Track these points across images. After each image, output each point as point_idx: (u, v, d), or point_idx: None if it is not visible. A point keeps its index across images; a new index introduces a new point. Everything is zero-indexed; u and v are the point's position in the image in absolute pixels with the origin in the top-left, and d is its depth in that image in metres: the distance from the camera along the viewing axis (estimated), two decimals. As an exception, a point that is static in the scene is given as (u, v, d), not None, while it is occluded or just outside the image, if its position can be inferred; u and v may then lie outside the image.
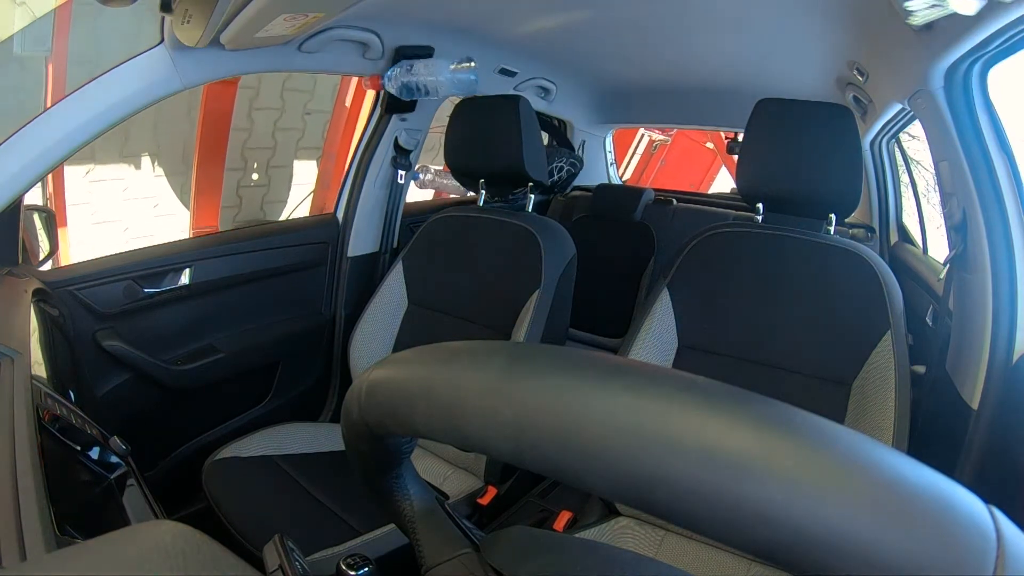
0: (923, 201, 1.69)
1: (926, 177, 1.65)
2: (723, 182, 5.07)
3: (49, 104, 0.98)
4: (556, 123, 2.31)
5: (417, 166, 1.76)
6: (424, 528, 0.38)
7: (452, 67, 1.37)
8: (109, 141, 3.14)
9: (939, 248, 1.52)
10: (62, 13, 2.35)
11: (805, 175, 1.03)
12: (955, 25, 0.84)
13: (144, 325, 1.24)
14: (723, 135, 4.76)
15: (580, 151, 2.31)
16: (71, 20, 2.34)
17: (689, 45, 1.55)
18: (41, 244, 1.11)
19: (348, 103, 3.65)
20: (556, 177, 1.98)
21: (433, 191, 2.21)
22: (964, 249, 1.00)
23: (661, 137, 5.22)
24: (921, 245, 1.65)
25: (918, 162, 1.71)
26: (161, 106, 1.08)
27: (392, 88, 1.41)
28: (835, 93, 1.62)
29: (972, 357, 0.96)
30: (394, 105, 1.54)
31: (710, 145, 4.82)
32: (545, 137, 2.26)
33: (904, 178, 1.78)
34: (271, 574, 0.35)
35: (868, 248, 1.04)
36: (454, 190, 2.08)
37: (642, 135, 5.16)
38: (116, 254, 1.22)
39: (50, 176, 2.62)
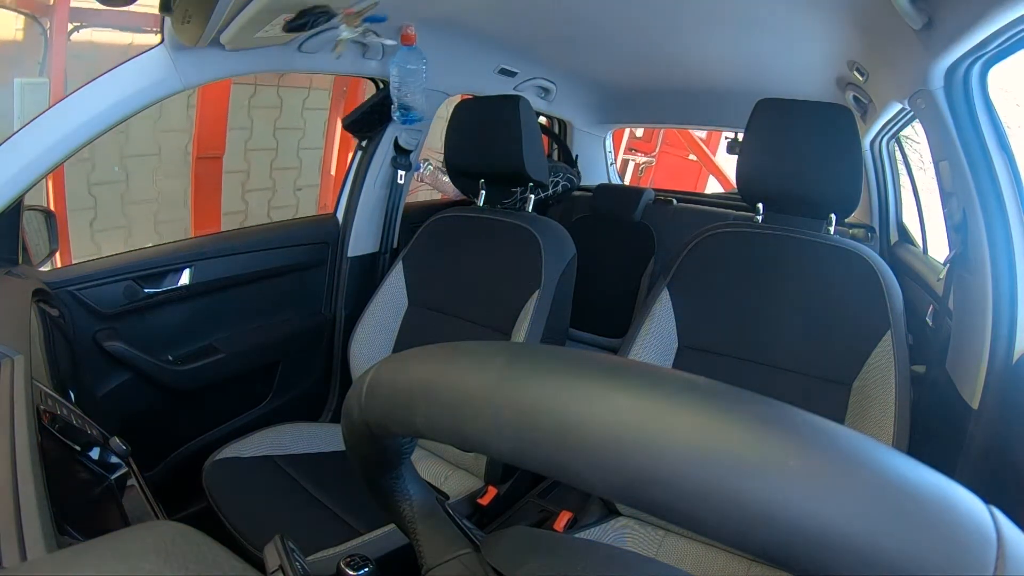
0: (916, 171, 1.67)
1: (919, 151, 1.64)
2: (712, 190, 5.07)
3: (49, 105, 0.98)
4: (556, 130, 2.31)
5: (421, 156, 1.76)
6: (424, 528, 0.38)
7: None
8: (113, 236, 3.22)
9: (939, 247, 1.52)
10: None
11: (805, 175, 1.03)
12: (955, 25, 0.84)
13: (144, 325, 1.24)
14: (698, 138, 4.78)
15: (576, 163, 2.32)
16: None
17: (689, 45, 1.55)
18: (41, 244, 1.11)
19: (333, 172, 3.71)
20: (551, 191, 1.99)
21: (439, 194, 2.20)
22: (964, 249, 1.00)
23: (645, 159, 5.25)
24: (921, 245, 1.65)
25: (907, 137, 1.69)
26: (160, 200, 1.09)
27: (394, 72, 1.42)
28: (835, 93, 1.61)
29: (972, 357, 0.96)
30: (356, 127, 1.56)
31: (693, 157, 4.85)
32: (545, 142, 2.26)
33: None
34: (272, 574, 0.35)
35: (868, 248, 1.04)
36: (453, 190, 2.07)
37: (624, 160, 5.18)
38: (116, 254, 1.22)
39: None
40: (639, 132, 5.35)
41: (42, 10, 2.31)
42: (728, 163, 4.92)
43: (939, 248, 1.51)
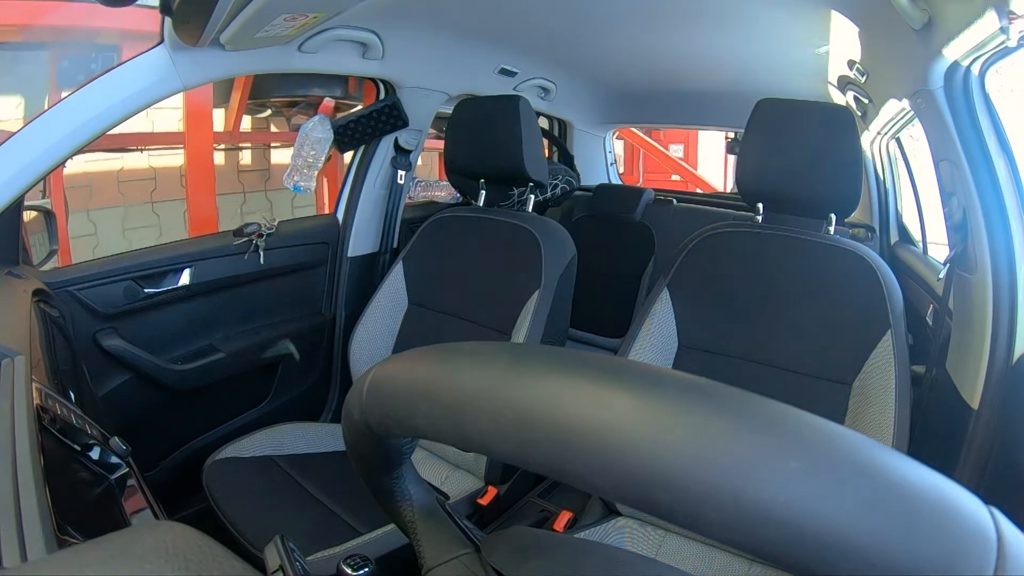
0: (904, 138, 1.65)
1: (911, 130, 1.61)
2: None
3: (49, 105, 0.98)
4: (556, 130, 2.31)
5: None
6: (425, 528, 0.38)
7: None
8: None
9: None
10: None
11: (805, 175, 1.03)
12: (955, 25, 0.84)
13: (144, 325, 1.24)
14: (677, 158, 4.83)
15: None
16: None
17: (689, 45, 1.55)
18: (41, 244, 1.11)
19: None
20: (550, 194, 1.99)
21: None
22: (964, 249, 1.00)
23: (630, 190, 5.29)
24: (921, 245, 1.65)
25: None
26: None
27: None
28: (835, 93, 1.61)
29: (972, 357, 0.96)
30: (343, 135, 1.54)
31: (676, 177, 4.91)
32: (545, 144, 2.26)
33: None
34: (272, 574, 0.35)
35: (868, 248, 1.04)
36: (447, 197, 2.07)
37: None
38: (116, 254, 1.22)
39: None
40: (620, 168, 5.41)
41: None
42: (712, 172, 5.03)
43: (939, 247, 1.51)
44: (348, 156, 1.65)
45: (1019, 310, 0.90)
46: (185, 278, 1.28)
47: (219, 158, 3.12)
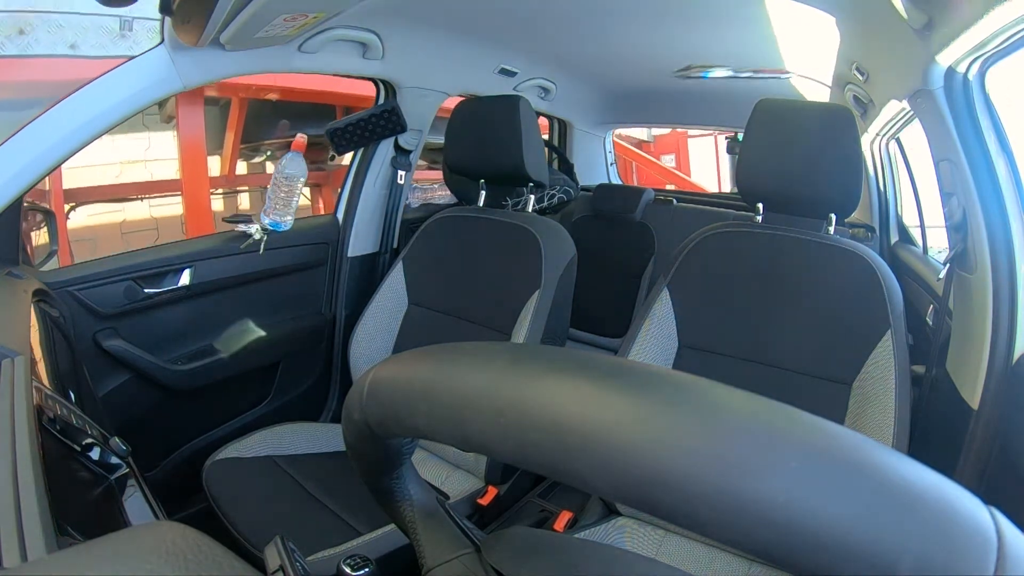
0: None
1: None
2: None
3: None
4: (556, 130, 2.31)
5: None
6: (425, 528, 0.38)
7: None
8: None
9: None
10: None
11: (805, 175, 1.03)
12: (955, 25, 0.84)
13: (144, 325, 1.24)
14: (671, 167, 4.89)
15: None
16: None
17: (689, 45, 1.55)
18: (41, 244, 1.11)
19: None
20: (546, 203, 1.99)
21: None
22: (964, 249, 1.00)
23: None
24: (921, 245, 1.65)
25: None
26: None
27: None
28: (835, 93, 1.61)
29: (972, 357, 0.96)
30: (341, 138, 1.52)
31: (671, 187, 4.97)
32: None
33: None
34: (272, 575, 0.35)
35: (868, 248, 1.04)
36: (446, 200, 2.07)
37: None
38: (116, 255, 1.22)
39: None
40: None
41: (39, 196, 2.45)
42: (705, 178, 5.16)
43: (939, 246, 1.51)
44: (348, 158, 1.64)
45: (1019, 310, 0.90)
46: (185, 278, 1.28)
47: (217, 203, 3.17)
